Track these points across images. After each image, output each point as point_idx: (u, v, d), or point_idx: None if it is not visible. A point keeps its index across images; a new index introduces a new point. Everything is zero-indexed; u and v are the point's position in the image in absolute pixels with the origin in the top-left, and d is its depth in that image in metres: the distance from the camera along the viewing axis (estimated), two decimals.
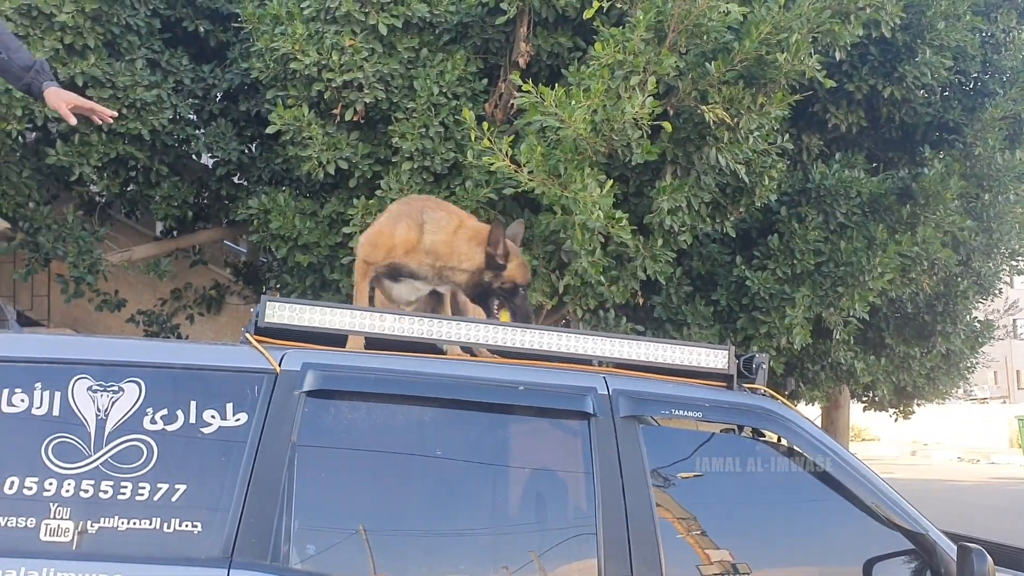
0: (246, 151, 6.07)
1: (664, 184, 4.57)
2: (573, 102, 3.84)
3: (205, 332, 7.46)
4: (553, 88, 3.97)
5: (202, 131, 5.99)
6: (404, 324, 2.79)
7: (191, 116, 5.95)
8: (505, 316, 3.52)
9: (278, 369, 2.61)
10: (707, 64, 4.35)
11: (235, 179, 6.34)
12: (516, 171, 3.97)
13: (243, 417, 2.54)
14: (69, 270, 5.70)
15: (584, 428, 2.73)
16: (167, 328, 6.80)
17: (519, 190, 4.25)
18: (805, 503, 2.89)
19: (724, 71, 4.31)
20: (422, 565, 2.59)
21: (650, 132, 4.29)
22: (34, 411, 2.45)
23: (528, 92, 3.93)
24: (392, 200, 4.85)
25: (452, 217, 3.43)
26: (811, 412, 11.26)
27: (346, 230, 5.00)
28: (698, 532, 2.81)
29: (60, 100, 3.34)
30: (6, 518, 2.34)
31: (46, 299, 7.33)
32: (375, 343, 2.83)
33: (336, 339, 2.81)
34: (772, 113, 4.56)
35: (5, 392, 2.45)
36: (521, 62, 4.81)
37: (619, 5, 4.20)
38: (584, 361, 2.90)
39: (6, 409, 2.44)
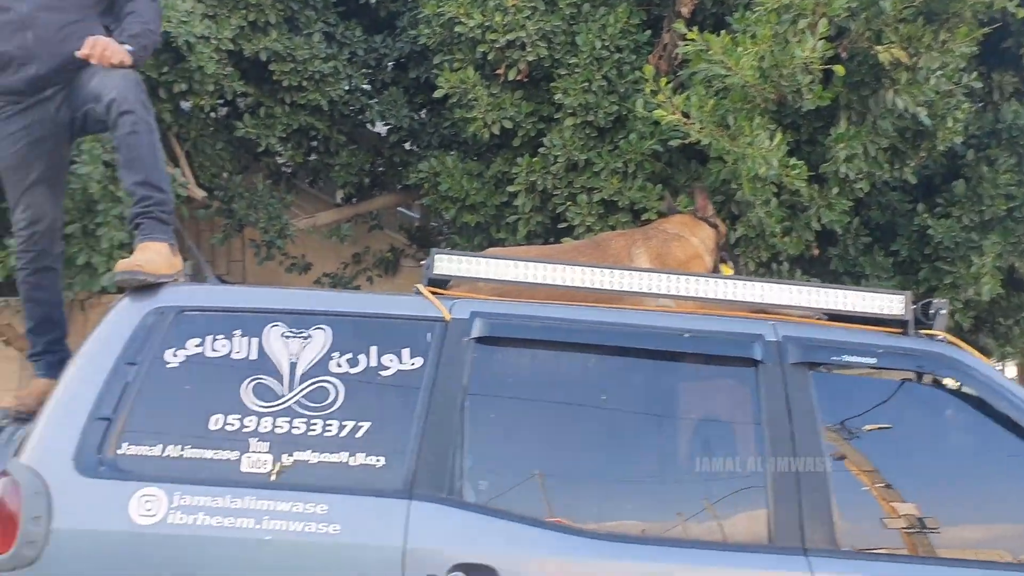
0: (416, 117, 6.29)
1: (839, 131, 4.40)
2: (740, 49, 3.76)
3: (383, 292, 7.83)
4: (719, 35, 3.90)
5: (375, 100, 6.26)
6: (569, 274, 2.85)
7: (365, 86, 6.23)
8: (728, 270, 3.59)
9: (448, 317, 2.74)
10: (881, 2, 4.13)
11: (407, 145, 6.60)
12: (686, 124, 3.93)
13: (418, 361, 2.69)
14: (261, 235, 6.13)
15: (752, 375, 2.72)
16: (349, 289, 7.18)
17: (686, 142, 4.21)
18: (988, 454, 2.76)
19: (901, 8, 4.08)
20: (590, 506, 2.67)
21: (822, 77, 4.14)
22: (234, 355, 2.69)
23: (693, 40, 3.88)
24: (555, 157, 4.93)
25: (661, 244, 3.49)
26: (1005, 373, 10.54)
27: (511, 188, 5.12)
28: (874, 483, 2.74)
29: None
30: (212, 451, 2.57)
31: (240, 263, 7.88)
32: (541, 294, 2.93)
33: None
34: (956, 51, 4.28)
35: (208, 338, 2.69)
36: (685, 11, 4.73)
37: None
38: (752, 308, 2.88)
39: (209, 353, 2.68)
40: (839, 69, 4.09)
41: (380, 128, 6.72)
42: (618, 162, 4.82)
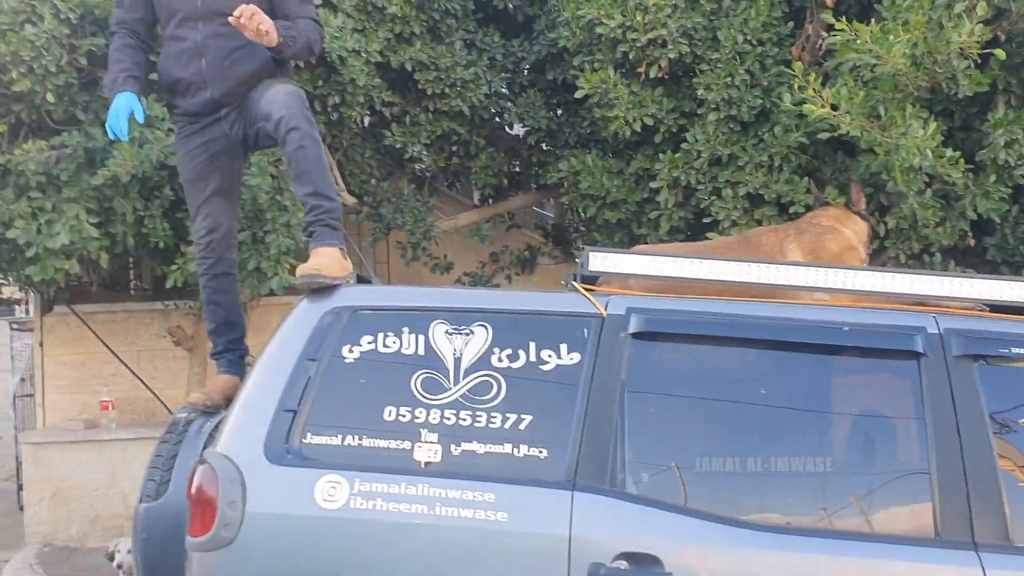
0: (554, 118, 6.41)
1: (997, 116, 4.24)
2: (891, 37, 3.69)
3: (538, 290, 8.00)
4: (867, 24, 3.83)
5: (513, 103, 6.42)
6: (725, 269, 2.88)
7: (503, 89, 6.40)
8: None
9: (604, 313, 2.81)
10: None
11: (544, 145, 6.73)
12: (836, 116, 3.89)
13: (576, 356, 2.77)
14: (407, 237, 6.39)
15: (914, 368, 2.69)
16: (489, 287, 7.38)
17: (835, 134, 4.16)
18: None
19: None
20: (750, 497, 2.70)
21: (979, 61, 4.01)
22: (403, 351, 2.84)
23: (842, 30, 3.83)
24: (698, 152, 4.94)
25: (814, 238, 3.49)
26: None
27: (653, 185, 5.17)
28: None
29: None
30: (386, 441, 2.73)
31: (386, 265, 8.22)
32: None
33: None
34: None
35: (380, 335, 2.85)
36: (829, 1, 4.66)
37: None
38: (913, 300, 2.84)
39: (381, 349, 2.85)
40: (999, 53, 3.95)
41: (518, 130, 6.88)
42: (763, 156, 4.80)
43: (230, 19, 3.13)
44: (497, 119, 6.50)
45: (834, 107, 3.97)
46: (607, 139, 5.66)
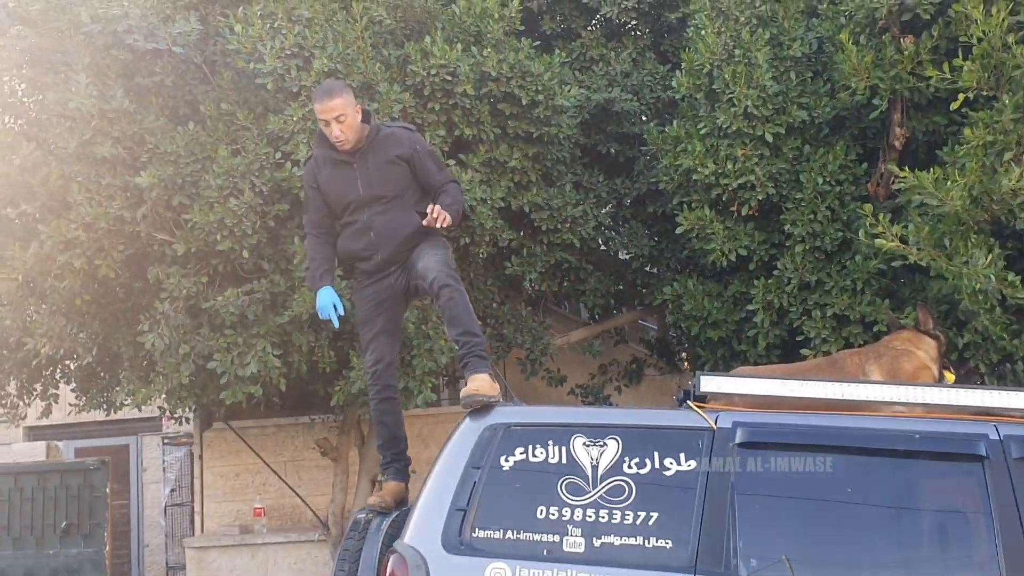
0: (655, 245, 7.13)
1: None
2: (949, 182, 4.30)
3: (628, 401, 8.57)
4: (930, 170, 4.45)
5: (617, 233, 7.16)
6: (818, 388, 3.48)
7: (608, 222, 7.17)
8: (950, 376, 4.10)
9: (714, 427, 3.42)
10: None
11: (647, 268, 7.43)
12: (905, 249, 4.48)
13: (693, 463, 3.34)
14: (526, 354, 7.10)
15: (979, 470, 3.21)
16: (600, 399, 8.01)
17: (908, 262, 4.71)
18: None
19: None
20: None
21: None
22: (550, 460, 3.46)
23: (906, 178, 4.46)
24: (789, 278, 5.56)
25: (891, 360, 4.04)
26: None
27: (749, 307, 5.78)
28: None
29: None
30: (539, 535, 3.34)
31: (505, 380, 8.93)
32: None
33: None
34: None
35: (529, 447, 3.48)
36: (897, 144, 5.31)
37: (985, 92, 4.58)
38: (975, 411, 3.37)
39: (531, 459, 3.48)
40: None
41: (622, 255, 7.61)
42: (847, 280, 5.38)
43: (424, 222, 4.02)
44: (603, 247, 7.24)
45: (903, 240, 4.56)
46: (704, 265, 6.33)
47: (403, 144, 4.19)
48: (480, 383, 3.75)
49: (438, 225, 4.02)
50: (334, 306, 4.13)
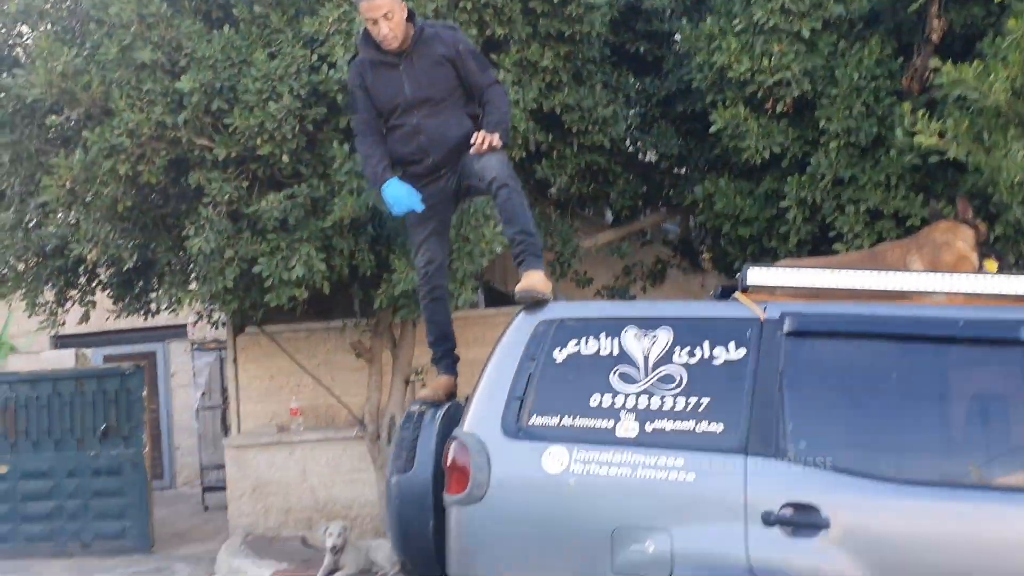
0: (684, 145, 7.15)
1: None
2: (991, 75, 4.31)
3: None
4: (970, 63, 4.45)
5: (647, 134, 7.18)
6: (864, 278, 3.59)
7: (637, 122, 7.17)
8: (992, 264, 4.19)
9: (763, 317, 3.55)
10: None
11: (675, 170, 7.47)
12: (943, 143, 4.52)
13: (742, 352, 3.46)
14: (556, 256, 7.21)
15: (1020, 356, 3.34)
16: (626, 299, 8.13)
17: (944, 157, 4.76)
18: None
19: None
20: (887, 460, 3.33)
21: None
22: (602, 352, 3.57)
23: (947, 72, 4.46)
24: (823, 174, 5.61)
25: (932, 252, 4.12)
26: None
27: (782, 204, 5.85)
28: None
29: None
30: (594, 421, 3.49)
31: None
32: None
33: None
34: None
35: (582, 340, 3.59)
36: (935, 38, 5.28)
37: None
38: (1015, 299, 3.49)
39: (584, 351, 3.60)
40: None
41: (651, 157, 7.64)
42: (880, 176, 5.43)
43: (471, 152, 3.99)
44: (632, 148, 7.27)
45: (941, 135, 4.59)
46: (736, 163, 6.37)
47: (447, 44, 4.15)
48: (535, 280, 3.83)
49: (485, 149, 3.98)
50: (394, 205, 4.09)
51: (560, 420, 3.47)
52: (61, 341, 14.23)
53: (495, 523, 3.40)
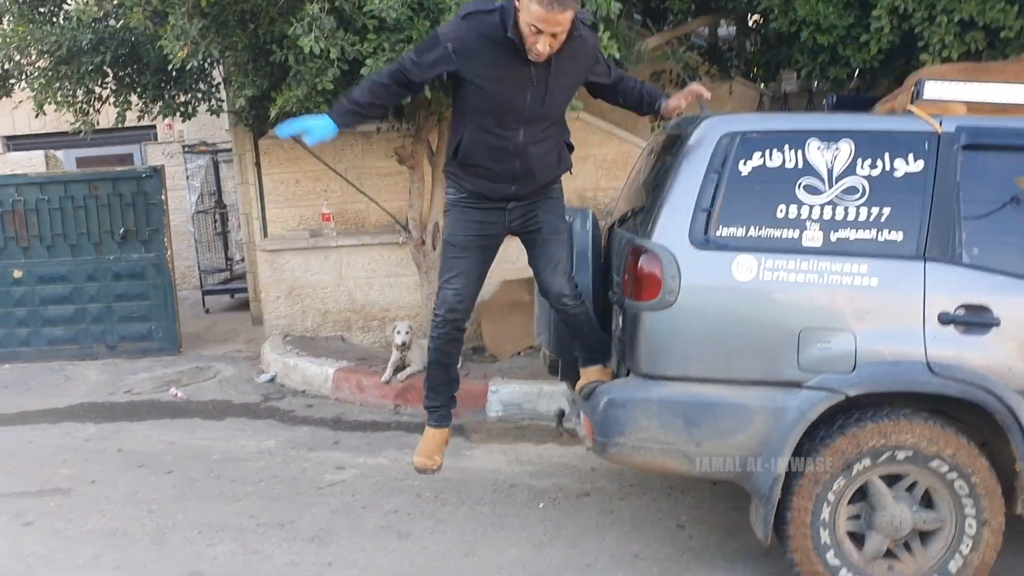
0: None
1: None
2: None
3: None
4: None
5: None
6: None
7: None
8: None
9: (939, 130, 3.71)
10: None
11: None
12: None
13: (921, 164, 3.65)
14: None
15: None
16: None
17: None
18: None
19: None
20: None
21: None
22: (786, 164, 3.71)
23: None
24: None
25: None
26: None
27: (874, 12, 5.81)
28: None
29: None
30: (780, 231, 3.66)
31: None
32: None
33: None
34: None
35: (766, 152, 3.68)
36: None
37: None
38: None
39: (768, 164, 3.73)
40: None
41: None
42: None
43: (670, 111, 3.92)
44: None
45: None
46: None
47: (591, 46, 3.67)
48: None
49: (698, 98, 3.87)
50: (305, 132, 3.44)
51: (747, 230, 3.65)
52: (13, 143, 13.55)
53: (686, 326, 3.63)
